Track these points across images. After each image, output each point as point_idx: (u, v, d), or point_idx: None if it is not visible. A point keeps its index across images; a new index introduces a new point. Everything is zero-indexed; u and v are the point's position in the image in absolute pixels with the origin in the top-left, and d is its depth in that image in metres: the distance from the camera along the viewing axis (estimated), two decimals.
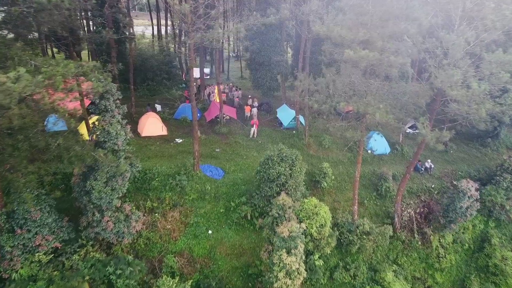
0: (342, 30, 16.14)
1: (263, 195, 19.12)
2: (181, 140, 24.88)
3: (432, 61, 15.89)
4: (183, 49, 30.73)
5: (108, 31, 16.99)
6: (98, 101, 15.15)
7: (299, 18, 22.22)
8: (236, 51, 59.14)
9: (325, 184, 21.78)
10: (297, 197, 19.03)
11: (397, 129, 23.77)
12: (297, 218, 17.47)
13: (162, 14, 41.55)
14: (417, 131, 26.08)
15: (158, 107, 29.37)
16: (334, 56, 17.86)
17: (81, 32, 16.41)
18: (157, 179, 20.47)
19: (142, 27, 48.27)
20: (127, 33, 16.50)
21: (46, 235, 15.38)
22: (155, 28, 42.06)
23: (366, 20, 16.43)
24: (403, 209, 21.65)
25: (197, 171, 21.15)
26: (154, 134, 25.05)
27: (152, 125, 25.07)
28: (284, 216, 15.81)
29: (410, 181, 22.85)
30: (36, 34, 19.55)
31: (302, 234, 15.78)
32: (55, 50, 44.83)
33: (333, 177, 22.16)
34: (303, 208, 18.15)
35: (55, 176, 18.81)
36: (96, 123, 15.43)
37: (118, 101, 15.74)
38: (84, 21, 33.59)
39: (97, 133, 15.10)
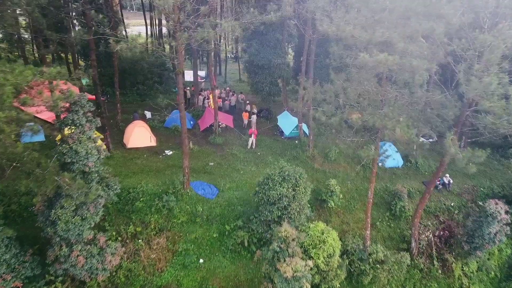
0: (355, 30, 13.66)
1: (262, 219, 16.63)
2: (171, 152, 22.38)
3: (462, 66, 13.42)
4: (168, 49, 28.26)
5: (79, 31, 14.49)
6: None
7: (303, 16, 19.75)
8: (234, 52, 56.65)
9: (332, 204, 19.29)
10: (301, 222, 16.56)
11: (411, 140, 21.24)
12: (302, 247, 15.02)
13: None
14: (430, 140, 23.58)
15: (148, 114, 26.89)
16: (345, 59, 15.40)
17: (48, 32, 14.00)
18: (141, 199, 17.98)
19: (140, 27, 46.04)
20: (108, 32, 14.00)
21: (3, 273, 12.89)
22: (152, 28, 39.72)
23: (383, 17, 13.96)
24: (421, 232, 19.15)
25: (187, 189, 18.66)
26: (142, 145, 22.56)
27: (139, 135, 22.57)
28: (287, 250, 13.31)
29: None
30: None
31: (309, 272, 13.30)
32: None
33: (341, 195, 19.66)
34: (308, 234, 15.72)
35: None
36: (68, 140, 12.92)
37: (89, 114, 13.24)
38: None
39: (63, 151, 12.59)
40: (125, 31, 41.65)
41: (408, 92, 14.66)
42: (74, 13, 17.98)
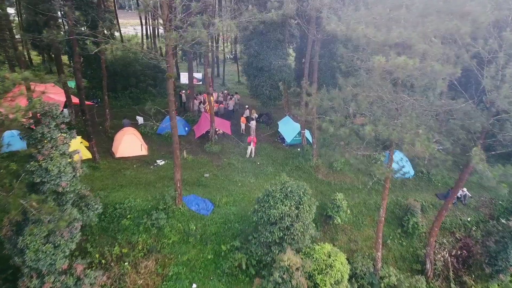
0: (368, 29, 11.96)
1: (262, 240, 14.90)
2: (163, 162, 20.67)
3: (490, 71, 11.73)
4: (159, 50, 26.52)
5: (51, 30, 12.78)
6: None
7: (307, 14, 18.06)
8: (233, 52, 54.93)
9: (339, 220, 17.58)
10: (305, 243, 14.86)
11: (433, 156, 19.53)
12: (306, 272, 13.35)
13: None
14: (441, 147, 21.86)
15: (140, 120, 25.20)
16: (355, 62, 13.70)
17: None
18: (129, 216, 16.27)
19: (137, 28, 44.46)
20: (86, 31, 12.34)
21: None
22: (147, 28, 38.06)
23: (399, 15, 12.28)
24: (436, 251, 17.44)
25: (179, 205, 16.96)
26: (131, 154, 20.86)
27: (128, 143, 20.86)
28: (291, 282, 11.62)
29: None
30: None
31: None
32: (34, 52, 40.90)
33: (348, 210, 17.94)
34: (313, 258, 14.05)
35: None
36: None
37: (63, 126, 11.53)
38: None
39: (31, 170, 10.87)
40: (120, 31, 40.04)
41: (426, 100, 12.98)
42: (53, 11, 16.24)
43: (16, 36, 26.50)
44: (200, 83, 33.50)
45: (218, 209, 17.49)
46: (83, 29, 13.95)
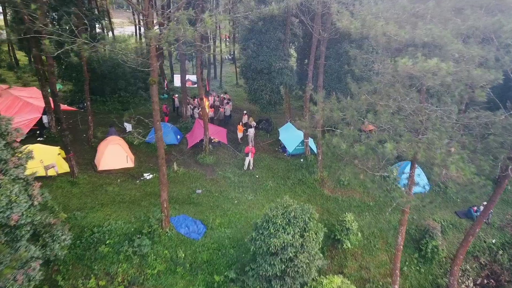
0: (388, 26, 9.88)
1: (261, 273, 12.78)
2: (151, 176, 18.55)
3: None
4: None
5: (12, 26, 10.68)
6: None
7: (312, 10, 15.97)
8: (231, 53, 52.79)
9: (349, 245, 15.47)
10: (311, 276, 12.75)
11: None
12: None
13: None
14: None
15: (128, 127, 23.02)
16: (371, 66, 11.61)
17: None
18: (108, 242, 14.15)
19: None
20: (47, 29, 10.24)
21: None
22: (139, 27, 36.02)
23: (426, 10, 10.19)
24: (459, 280, 15.33)
25: (166, 228, 14.84)
26: (116, 167, 18.73)
27: (112, 154, 18.74)
28: None
29: (462, 234, 16.60)
30: None
31: None
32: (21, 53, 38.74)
33: (359, 233, 15.84)
34: None
35: None
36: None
37: (16, 144, 9.41)
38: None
39: None
40: (112, 30, 37.98)
41: (456, 111, 10.88)
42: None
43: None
44: (196, 86, 31.32)
45: (211, 232, 15.37)
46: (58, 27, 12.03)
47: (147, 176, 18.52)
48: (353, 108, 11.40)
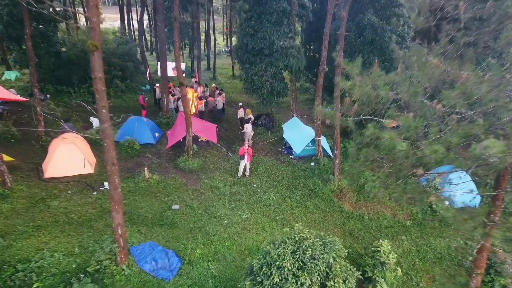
0: None
1: None
2: None
3: None
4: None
5: None
6: None
7: None
8: (229, 45, 48.74)
9: (385, 286, 10.89)
10: None
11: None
12: None
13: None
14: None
15: (95, 122, 18.63)
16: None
17: None
18: (35, 286, 9.60)
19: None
20: None
21: None
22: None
23: None
24: None
25: (122, 263, 10.26)
26: (68, 174, 14.22)
27: (64, 157, 14.21)
28: None
29: None
30: None
31: None
32: None
33: (398, 269, 11.27)
34: None
35: None
36: None
37: None
38: None
39: None
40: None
41: None
42: None
43: None
44: (184, 75, 26.75)
45: (188, 268, 10.77)
46: None
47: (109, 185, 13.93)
48: (413, 83, 6.89)
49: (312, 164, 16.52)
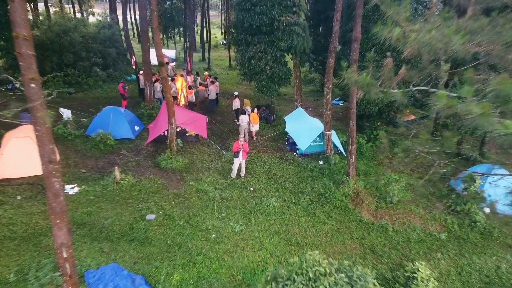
0: None
1: None
2: (77, 189, 11.31)
3: None
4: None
5: None
6: None
7: None
8: (226, 39, 46.48)
9: None
10: None
11: None
12: None
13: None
14: None
15: (66, 113, 15.96)
16: None
17: None
18: None
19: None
20: None
21: None
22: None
23: None
24: None
25: None
26: (21, 175, 11.56)
27: (17, 154, 11.55)
28: None
29: None
30: None
31: None
32: None
33: None
34: None
35: None
36: None
37: None
38: None
39: None
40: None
41: None
42: None
43: None
44: (174, 63, 24.15)
45: None
46: None
47: (72, 189, 11.27)
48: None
49: (321, 162, 13.81)
